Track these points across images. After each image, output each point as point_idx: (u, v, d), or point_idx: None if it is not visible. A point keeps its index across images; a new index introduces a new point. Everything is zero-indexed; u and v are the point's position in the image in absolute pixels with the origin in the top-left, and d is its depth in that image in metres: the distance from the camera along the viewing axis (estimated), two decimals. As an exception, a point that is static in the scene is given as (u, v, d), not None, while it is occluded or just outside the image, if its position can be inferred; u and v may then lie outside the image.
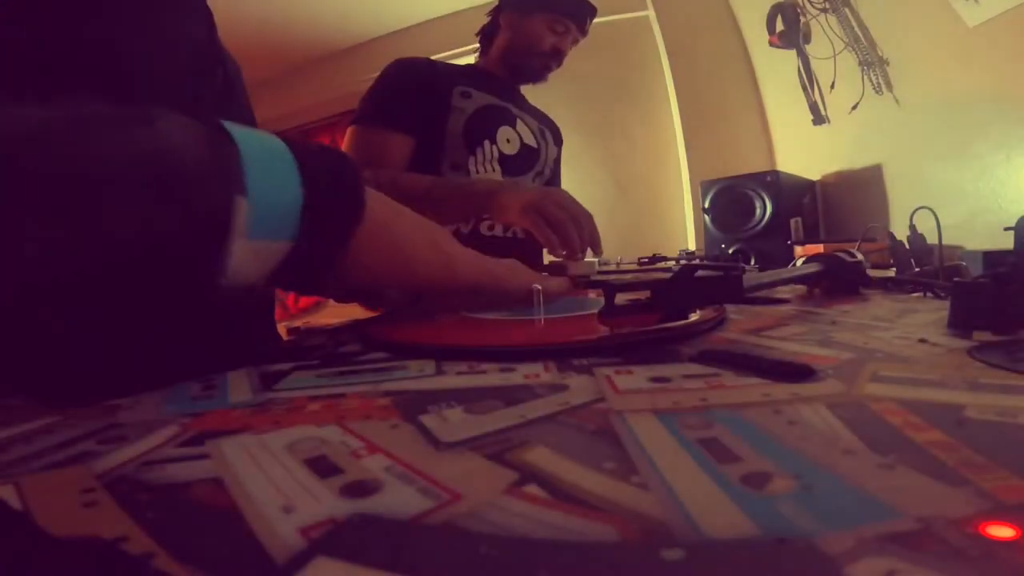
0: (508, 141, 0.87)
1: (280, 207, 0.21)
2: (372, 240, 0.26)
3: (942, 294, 0.40)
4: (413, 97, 0.83)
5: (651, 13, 2.03)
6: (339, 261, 0.24)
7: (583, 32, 0.92)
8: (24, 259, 0.14)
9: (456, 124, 0.84)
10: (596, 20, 0.93)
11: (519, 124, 0.90)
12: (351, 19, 2.53)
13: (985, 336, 0.23)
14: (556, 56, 0.92)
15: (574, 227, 0.62)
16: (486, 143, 0.84)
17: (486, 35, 0.97)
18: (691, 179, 2.01)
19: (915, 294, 0.43)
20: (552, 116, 1.03)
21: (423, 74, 0.86)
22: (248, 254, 0.20)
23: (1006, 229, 0.54)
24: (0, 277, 0.14)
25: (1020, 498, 0.09)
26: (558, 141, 1.02)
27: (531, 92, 0.98)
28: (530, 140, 0.90)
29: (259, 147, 0.21)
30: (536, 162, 0.92)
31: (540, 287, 0.38)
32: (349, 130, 0.83)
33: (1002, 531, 0.08)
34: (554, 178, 1.01)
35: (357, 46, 2.67)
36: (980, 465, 0.10)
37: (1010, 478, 0.10)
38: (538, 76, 0.94)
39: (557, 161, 1.00)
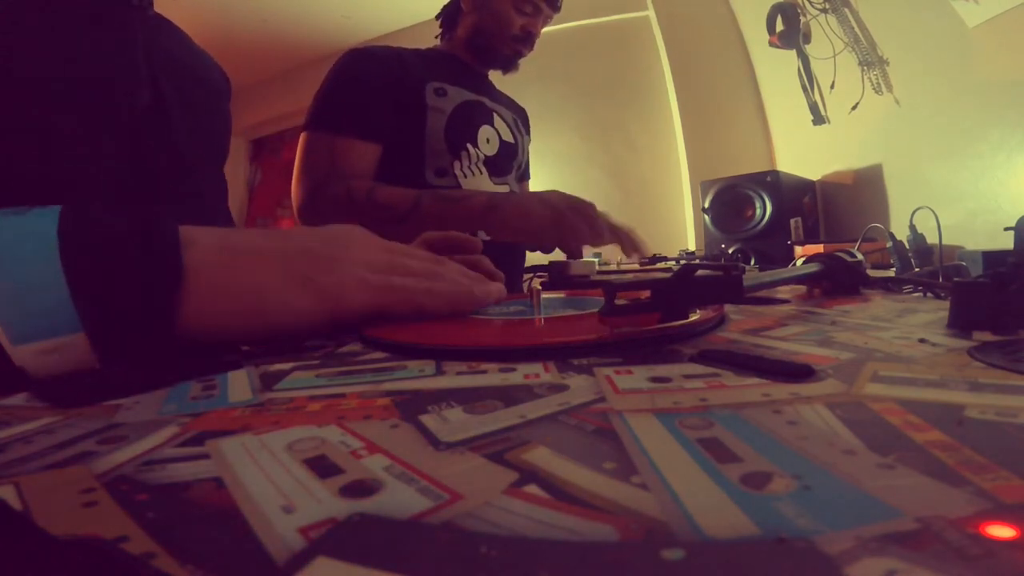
0: (488, 141, 0.80)
1: (39, 305, 0.19)
2: (202, 298, 0.24)
3: (942, 294, 0.40)
4: (381, 97, 0.72)
5: (651, 13, 2.03)
6: (165, 328, 0.22)
7: (554, 8, 0.83)
8: None
9: (436, 126, 0.74)
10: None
11: (496, 120, 0.83)
12: (351, 19, 2.53)
13: (985, 336, 0.23)
14: (527, 40, 0.82)
15: (585, 223, 0.63)
16: (468, 146, 0.77)
17: (448, 17, 0.87)
18: (691, 179, 2.01)
19: (915, 294, 0.43)
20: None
21: (390, 69, 0.74)
22: (35, 355, 0.19)
23: (1006, 229, 0.54)
24: None
25: (1020, 498, 0.09)
26: (528, 128, 0.96)
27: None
28: (507, 135, 0.84)
29: (8, 251, 0.19)
30: (516, 156, 0.86)
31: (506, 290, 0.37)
32: (303, 136, 0.71)
33: (1002, 531, 0.08)
34: (527, 168, 0.96)
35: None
36: (980, 465, 0.10)
37: (1010, 478, 0.10)
38: (508, 63, 0.85)
39: (527, 150, 0.95)
